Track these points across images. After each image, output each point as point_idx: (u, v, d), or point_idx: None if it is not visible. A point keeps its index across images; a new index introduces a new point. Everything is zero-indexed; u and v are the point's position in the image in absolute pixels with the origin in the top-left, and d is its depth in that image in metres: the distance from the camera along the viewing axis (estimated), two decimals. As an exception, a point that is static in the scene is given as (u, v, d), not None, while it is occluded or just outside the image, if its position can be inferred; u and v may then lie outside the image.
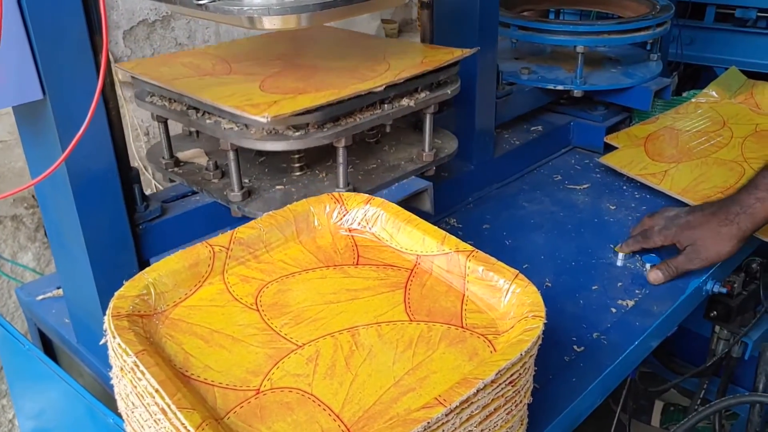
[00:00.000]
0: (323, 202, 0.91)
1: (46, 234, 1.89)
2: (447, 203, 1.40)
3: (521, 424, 0.73)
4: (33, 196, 1.72)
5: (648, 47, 1.60)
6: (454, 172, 1.40)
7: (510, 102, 1.52)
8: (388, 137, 1.21)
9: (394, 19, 2.79)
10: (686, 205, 1.33)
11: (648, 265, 1.20)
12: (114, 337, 0.69)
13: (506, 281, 0.76)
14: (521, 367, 0.67)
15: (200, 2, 0.87)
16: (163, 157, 1.12)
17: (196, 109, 1.00)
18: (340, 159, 1.00)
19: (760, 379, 1.63)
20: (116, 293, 0.75)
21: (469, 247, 0.81)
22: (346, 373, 0.69)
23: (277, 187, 1.05)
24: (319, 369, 0.69)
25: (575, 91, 1.54)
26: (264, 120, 0.86)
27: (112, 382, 0.73)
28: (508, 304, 0.75)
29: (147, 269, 0.78)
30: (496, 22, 1.34)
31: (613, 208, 1.41)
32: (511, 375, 0.66)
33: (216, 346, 0.73)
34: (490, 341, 0.72)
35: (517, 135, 1.57)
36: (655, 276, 1.16)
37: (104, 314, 0.94)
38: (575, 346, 1.02)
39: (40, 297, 1.15)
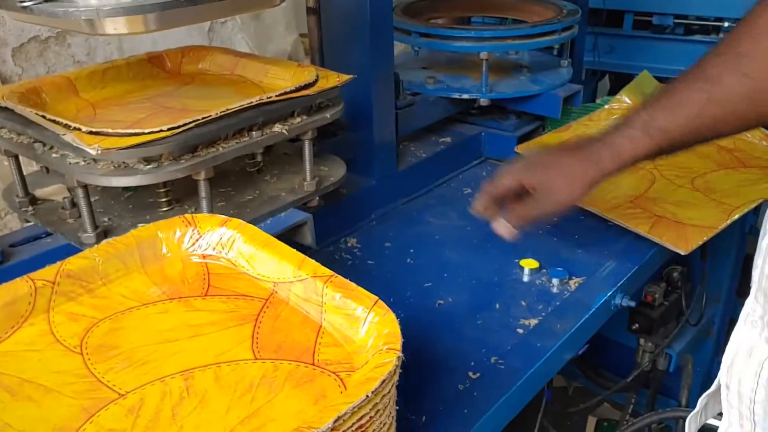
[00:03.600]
0: (173, 226, 0.81)
1: None
2: (347, 222, 1.31)
3: (384, 472, 0.64)
4: None
5: (555, 53, 1.55)
6: (354, 188, 1.31)
7: (413, 113, 1.44)
8: (272, 165, 1.12)
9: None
10: (597, 216, 1.27)
11: (555, 280, 1.13)
12: None
13: (364, 309, 0.67)
14: (371, 409, 0.58)
15: (24, 4, 0.77)
16: (18, 195, 1.02)
17: (43, 143, 0.90)
18: (202, 194, 0.91)
19: (683, 393, 1.58)
20: None
21: (328, 272, 0.72)
22: (170, 426, 0.59)
23: (140, 224, 0.94)
24: (139, 421, 0.59)
25: (482, 99, 1.47)
26: (94, 151, 0.77)
27: None
28: (365, 335, 0.66)
29: (-51, 310, 0.67)
30: (390, 28, 1.27)
31: (524, 220, 1.34)
32: (360, 419, 0.57)
33: (24, 399, 0.62)
34: (342, 380, 0.63)
35: (424, 147, 1.49)
36: (502, 229, 1.03)
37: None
38: (471, 373, 0.94)
39: None
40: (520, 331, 1.03)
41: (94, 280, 0.75)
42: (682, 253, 1.15)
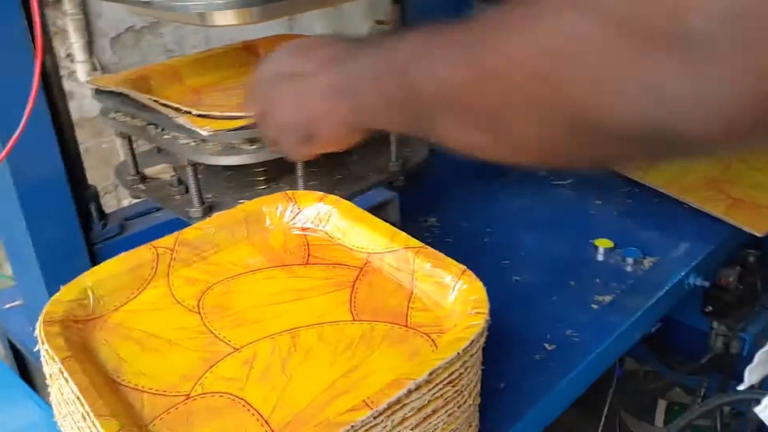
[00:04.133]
0: (276, 202, 0.88)
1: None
2: (426, 201, 1.37)
3: (470, 426, 0.70)
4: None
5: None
6: (433, 169, 1.37)
7: (490, 97, 1.48)
8: (358, 147, 1.18)
9: (388, 20, 2.77)
10: (671, 198, 1.29)
11: (629, 259, 1.16)
12: (43, 344, 0.67)
13: (453, 278, 0.73)
14: (461, 366, 0.64)
15: (143, -1, 0.85)
16: (129, 174, 1.12)
17: (156, 125, 0.99)
18: (299, 172, 0.98)
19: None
20: (51, 298, 0.73)
21: (419, 243, 0.79)
22: (280, 376, 0.66)
23: (240, 201, 1.02)
24: (253, 372, 0.67)
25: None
26: (205, 132, 0.85)
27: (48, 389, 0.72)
28: (454, 301, 0.72)
29: (86, 273, 0.76)
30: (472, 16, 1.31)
31: (598, 203, 1.37)
32: (450, 375, 0.63)
33: (151, 351, 0.71)
34: (433, 340, 0.69)
35: (501, 130, 1.53)
36: None
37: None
38: (546, 344, 0.99)
39: (8, 305, 1.14)
40: (595, 306, 1.07)
41: (207, 249, 0.83)
42: (759, 236, 1.16)
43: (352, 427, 0.56)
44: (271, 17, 0.90)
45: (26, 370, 1.18)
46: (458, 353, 0.62)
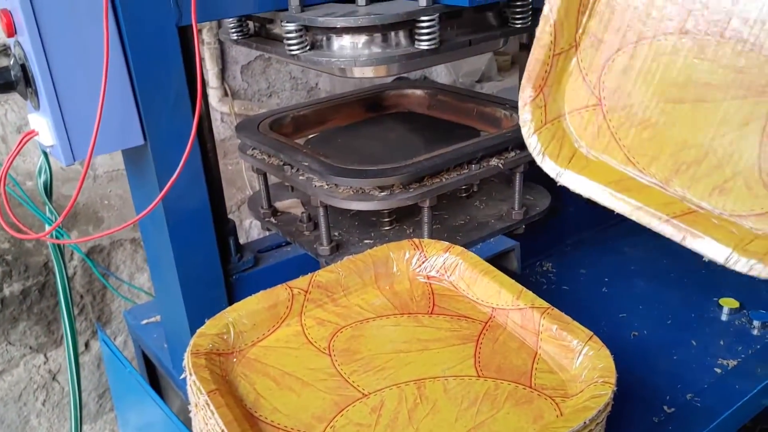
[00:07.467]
0: (403, 249, 0.92)
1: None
2: (542, 246, 1.37)
3: (589, 492, 0.70)
4: (151, 221, 1.83)
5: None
6: (551, 214, 1.37)
7: (614, 143, 1.47)
8: (480, 191, 1.21)
9: (508, 51, 2.78)
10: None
11: (756, 323, 1.12)
12: (191, 375, 0.72)
13: (579, 342, 0.74)
14: (586, 435, 0.65)
15: (293, 53, 0.91)
16: (262, 207, 1.18)
17: (291, 165, 1.04)
18: (425, 218, 1.01)
19: None
20: (198, 331, 0.79)
21: (545, 304, 0.80)
22: (407, 427, 0.69)
23: (366, 241, 1.07)
24: (381, 420, 0.70)
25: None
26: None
27: (190, 415, 0.77)
28: (579, 366, 0.73)
29: (228, 309, 0.82)
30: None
31: (723, 257, 1.33)
32: (575, 443, 0.64)
33: (286, 389, 0.75)
34: (557, 404, 0.70)
35: (622, 176, 1.51)
36: None
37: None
38: (666, 407, 0.97)
39: (144, 321, 1.22)
40: (718, 370, 1.04)
41: (337, 291, 0.87)
42: None
43: (480, 489, 0.58)
44: (407, 71, 0.94)
45: (154, 377, 1.27)
46: (585, 422, 0.63)
